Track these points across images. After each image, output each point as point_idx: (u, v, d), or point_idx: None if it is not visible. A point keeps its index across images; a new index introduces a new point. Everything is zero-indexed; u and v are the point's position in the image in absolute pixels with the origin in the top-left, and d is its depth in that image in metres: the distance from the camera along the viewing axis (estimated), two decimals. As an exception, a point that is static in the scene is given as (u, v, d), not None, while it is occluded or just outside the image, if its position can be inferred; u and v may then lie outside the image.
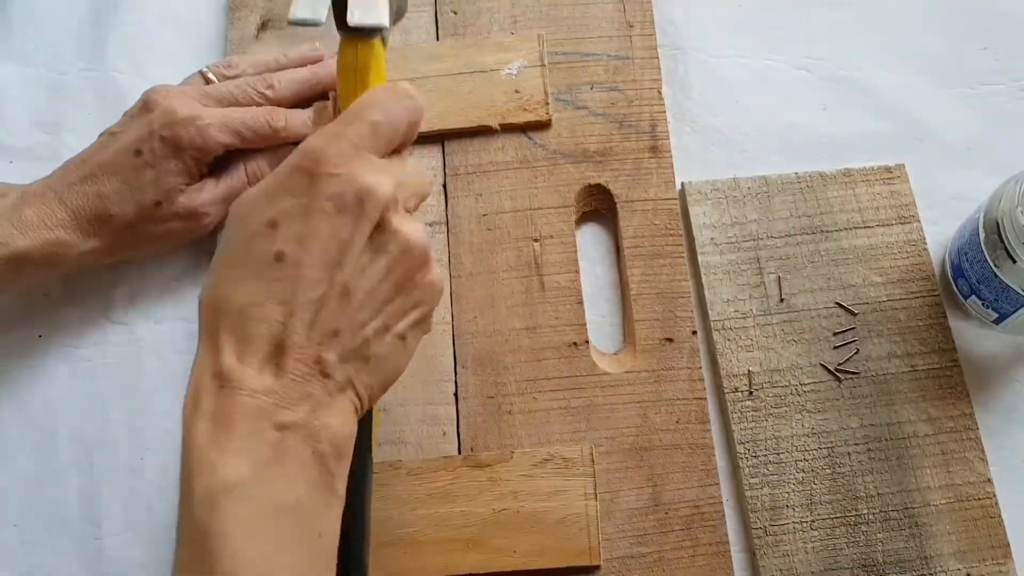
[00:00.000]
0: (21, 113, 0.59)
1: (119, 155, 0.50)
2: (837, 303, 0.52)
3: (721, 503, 0.48)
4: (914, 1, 0.62)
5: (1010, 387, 0.52)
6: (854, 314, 0.52)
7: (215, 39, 0.62)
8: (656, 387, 0.51)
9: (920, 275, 0.53)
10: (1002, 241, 0.48)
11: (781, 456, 0.49)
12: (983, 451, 0.49)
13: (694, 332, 0.52)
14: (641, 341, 0.52)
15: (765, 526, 0.48)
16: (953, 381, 0.51)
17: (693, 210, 0.55)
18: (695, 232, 0.54)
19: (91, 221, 0.50)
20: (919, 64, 0.60)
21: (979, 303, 0.51)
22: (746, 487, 0.49)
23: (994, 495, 0.48)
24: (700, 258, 0.54)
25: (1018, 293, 0.48)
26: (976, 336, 0.53)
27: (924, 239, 0.54)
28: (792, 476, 0.49)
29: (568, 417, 0.50)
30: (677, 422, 0.50)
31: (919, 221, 0.54)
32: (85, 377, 0.53)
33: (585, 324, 0.52)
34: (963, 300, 0.52)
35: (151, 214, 0.51)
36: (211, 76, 0.54)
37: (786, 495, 0.49)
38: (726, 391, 0.51)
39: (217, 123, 0.51)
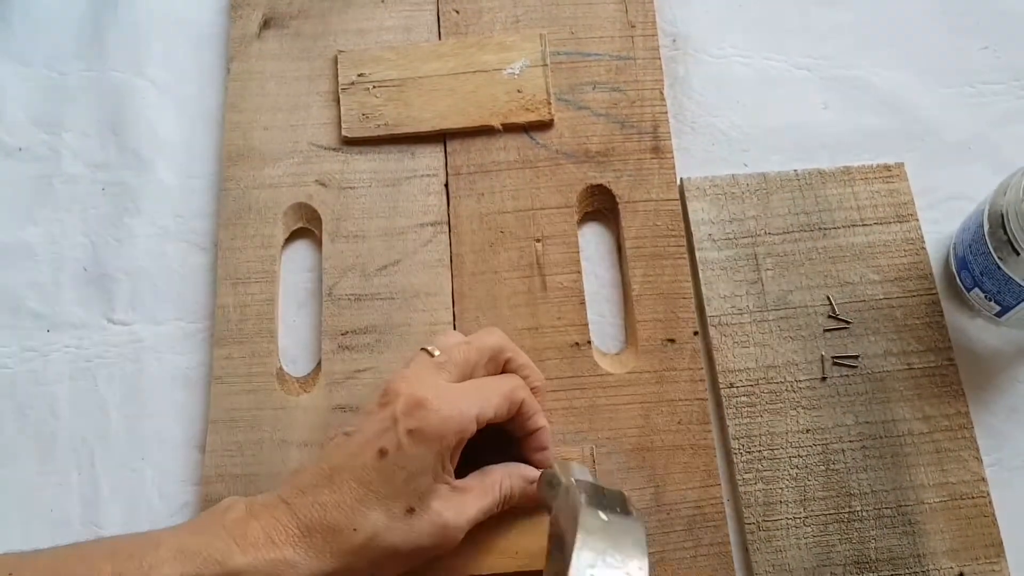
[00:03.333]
0: (21, 113, 0.59)
1: (358, 456, 0.43)
2: (830, 315, 0.53)
3: (723, 503, 0.49)
4: (915, 0, 0.62)
5: (1012, 387, 0.52)
6: (848, 323, 0.53)
7: (216, 38, 0.61)
8: (658, 388, 0.51)
9: (917, 273, 0.54)
10: (1006, 233, 0.48)
11: (775, 452, 0.50)
12: (978, 450, 0.50)
13: (696, 333, 0.52)
14: (643, 342, 0.52)
15: (758, 521, 0.49)
16: (949, 380, 0.51)
17: (691, 206, 0.55)
18: (693, 228, 0.55)
19: (325, 536, 0.41)
20: (920, 63, 0.60)
21: (982, 295, 0.52)
22: (740, 483, 0.49)
23: (988, 494, 0.49)
24: (698, 254, 0.54)
25: (1021, 286, 0.49)
26: (977, 333, 0.53)
27: (922, 238, 0.54)
28: (786, 472, 0.49)
29: (570, 417, 0.50)
30: (679, 423, 0.50)
31: (917, 220, 0.55)
32: (85, 377, 0.53)
33: (587, 324, 0.52)
34: (966, 293, 0.53)
35: (400, 527, 0.42)
36: (433, 351, 0.46)
37: (780, 491, 0.49)
38: (721, 387, 0.51)
39: (469, 400, 0.44)
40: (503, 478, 0.46)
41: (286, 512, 0.42)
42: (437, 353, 0.46)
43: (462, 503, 0.44)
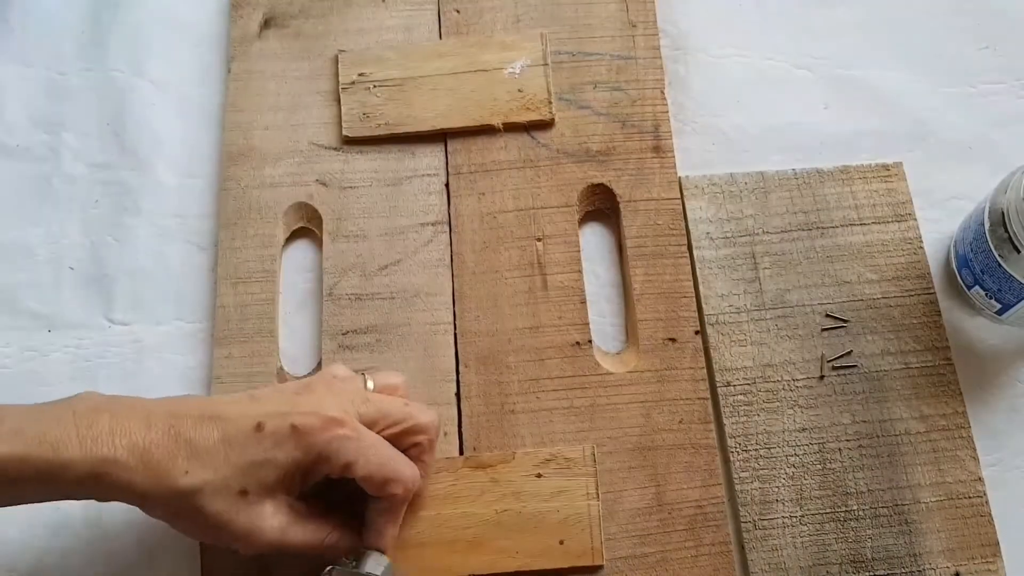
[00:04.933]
0: (21, 113, 0.59)
1: (240, 418, 0.42)
2: (828, 314, 0.53)
3: (724, 503, 0.49)
4: (915, 0, 0.62)
5: (1012, 386, 0.52)
6: (845, 322, 0.53)
7: (216, 38, 0.61)
8: (659, 387, 0.51)
9: (915, 273, 0.54)
10: (1007, 231, 0.48)
11: (772, 451, 0.50)
12: (975, 450, 0.50)
13: (697, 332, 0.52)
14: (644, 341, 0.52)
15: (754, 520, 0.49)
16: (946, 379, 0.51)
17: (690, 205, 0.55)
18: (691, 227, 0.55)
19: (159, 462, 0.40)
20: (920, 63, 0.60)
21: (982, 293, 0.52)
22: (736, 481, 0.49)
23: (984, 494, 0.49)
24: (696, 252, 0.54)
25: (1021, 284, 0.49)
26: (978, 333, 0.53)
27: (920, 237, 0.55)
28: (783, 471, 0.50)
29: (571, 417, 0.51)
30: (680, 422, 0.50)
31: (915, 219, 0.55)
32: (85, 377, 0.53)
33: (588, 324, 0.53)
34: (967, 291, 0.53)
35: (223, 501, 0.41)
36: (368, 382, 0.47)
37: (776, 490, 0.49)
38: (718, 385, 0.51)
39: (378, 455, 0.43)
40: (338, 535, 0.44)
41: (142, 423, 0.40)
42: (371, 386, 0.46)
43: (290, 525, 0.43)
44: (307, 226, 0.56)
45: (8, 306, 0.55)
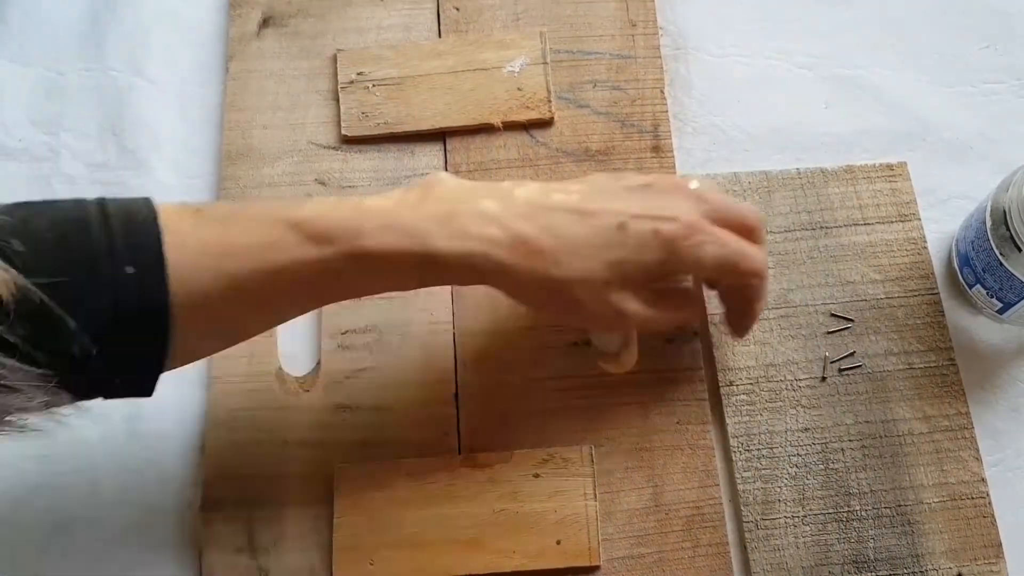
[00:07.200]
0: (20, 113, 0.59)
1: (606, 212, 0.44)
2: (832, 314, 0.53)
3: (721, 504, 0.49)
4: (915, 0, 0.61)
5: (1014, 386, 0.52)
6: (850, 321, 0.53)
7: (215, 37, 0.61)
8: (657, 388, 0.51)
9: (919, 273, 0.53)
10: (1008, 230, 0.48)
11: (775, 451, 0.50)
12: (977, 450, 0.50)
13: (695, 333, 0.52)
14: (642, 342, 0.52)
15: (757, 520, 0.49)
16: (949, 380, 0.51)
17: (693, 204, 0.55)
18: (694, 226, 0.55)
19: (528, 252, 0.42)
20: (921, 62, 0.60)
21: (984, 292, 0.51)
22: (739, 481, 0.49)
23: (987, 494, 0.49)
24: (699, 252, 0.54)
25: (1022, 282, 0.49)
26: (979, 332, 0.53)
27: (924, 237, 0.54)
28: (785, 471, 0.49)
29: (569, 417, 0.50)
30: (677, 423, 0.50)
31: (919, 219, 0.55)
32: (86, 376, 0.53)
33: (586, 324, 0.53)
34: (968, 290, 0.53)
35: (591, 290, 0.43)
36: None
37: (779, 490, 0.49)
38: (721, 385, 0.51)
39: (720, 243, 0.45)
40: (690, 313, 0.49)
41: (514, 213, 0.42)
42: (695, 185, 0.46)
43: (648, 308, 0.45)
44: (306, 226, 0.56)
45: (8, 306, 0.55)
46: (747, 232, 0.46)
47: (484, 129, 0.57)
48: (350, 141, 0.57)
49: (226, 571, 0.48)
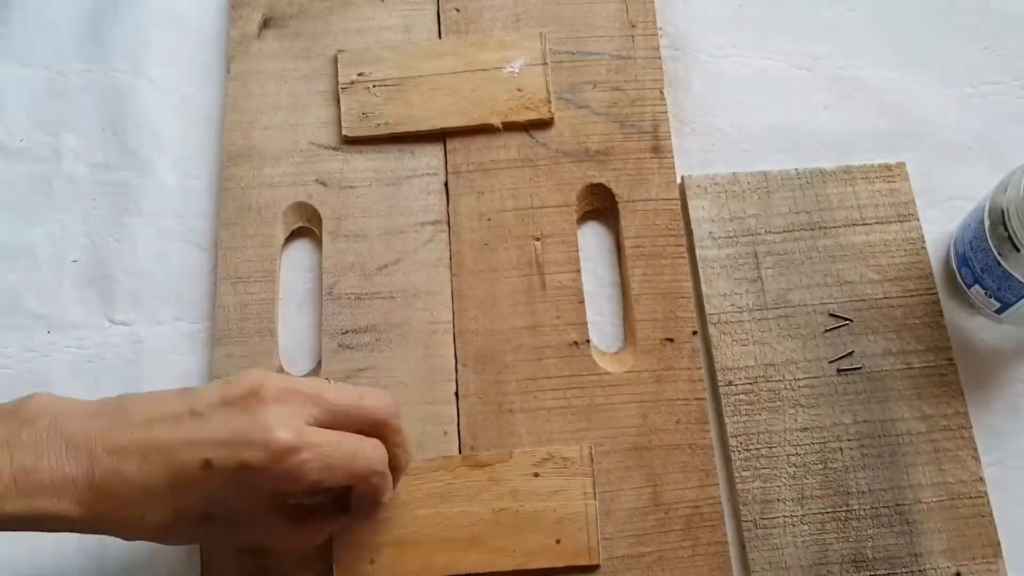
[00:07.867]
0: (21, 113, 0.59)
1: (184, 448, 0.39)
2: (831, 313, 0.53)
3: (720, 503, 0.49)
4: (915, 0, 0.62)
5: (1012, 386, 0.52)
6: (849, 320, 0.53)
7: (216, 38, 0.61)
8: (656, 387, 0.51)
9: (918, 273, 0.54)
10: (1007, 230, 0.48)
11: (773, 450, 0.50)
12: (976, 450, 0.50)
13: (695, 332, 0.52)
14: (642, 341, 0.52)
15: (756, 519, 0.49)
16: (948, 379, 0.51)
17: (692, 204, 0.55)
18: (693, 226, 0.55)
19: (111, 515, 0.39)
20: (920, 63, 0.60)
21: (982, 292, 0.52)
22: (737, 480, 0.49)
23: (986, 494, 0.49)
24: (698, 252, 0.54)
25: (1020, 282, 0.49)
26: (977, 332, 0.53)
27: (922, 237, 0.54)
28: (784, 470, 0.50)
29: (568, 416, 0.51)
30: (677, 422, 0.50)
31: (918, 219, 0.55)
32: (85, 377, 0.53)
33: (586, 323, 0.53)
34: (967, 290, 0.53)
35: (192, 529, 0.41)
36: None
37: (777, 489, 0.49)
38: (720, 384, 0.51)
39: (324, 454, 0.40)
40: (332, 526, 0.46)
41: (82, 463, 0.38)
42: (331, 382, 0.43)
43: (276, 532, 0.43)
44: (307, 226, 0.56)
45: (9, 306, 0.55)
46: (377, 427, 0.43)
47: (484, 130, 0.57)
48: (351, 142, 0.57)
49: (227, 569, 0.48)
